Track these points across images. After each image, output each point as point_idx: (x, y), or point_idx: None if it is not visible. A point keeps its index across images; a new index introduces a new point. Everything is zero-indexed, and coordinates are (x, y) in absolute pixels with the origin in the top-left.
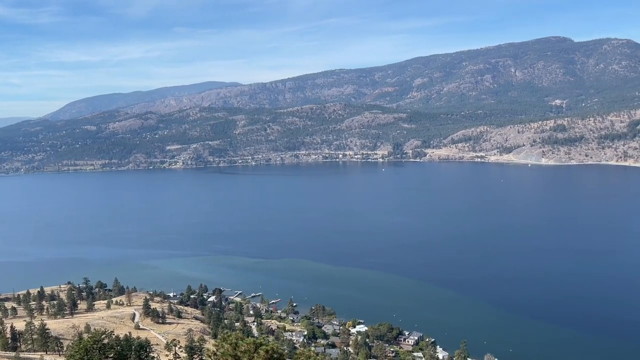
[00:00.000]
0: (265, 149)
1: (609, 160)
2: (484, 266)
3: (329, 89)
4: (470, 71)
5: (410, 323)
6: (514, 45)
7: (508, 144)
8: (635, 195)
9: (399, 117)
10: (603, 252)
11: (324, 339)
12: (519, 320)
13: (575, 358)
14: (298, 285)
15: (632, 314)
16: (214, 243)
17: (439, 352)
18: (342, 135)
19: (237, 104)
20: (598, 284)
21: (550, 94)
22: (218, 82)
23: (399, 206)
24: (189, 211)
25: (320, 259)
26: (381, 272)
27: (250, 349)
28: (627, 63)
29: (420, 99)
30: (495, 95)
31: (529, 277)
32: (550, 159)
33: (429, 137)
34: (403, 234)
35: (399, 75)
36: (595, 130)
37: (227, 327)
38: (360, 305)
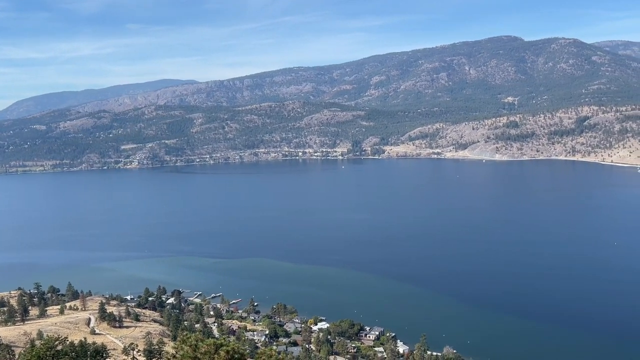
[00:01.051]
0: (223, 147)
1: (558, 155)
2: (442, 260)
3: (288, 87)
4: (427, 69)
5: (371, 318)
6: (468, 44)
7: (463, 141)
8: (582, 188)
9: (357, 115)
10: (555, 244)
11: (285, 338)
12: (476, 313)
13: (530, 347)
14: (259, 284)
15: (585, 304)
16: (173, 244)
17: (399, 346)
18: (302, 133)
19: (194, 102)
20: (552, 275)
21: (503, 92)
22: (174, 80)
23: (359, 203)
24: (146, 212)
25: (281, 257)
26: (342, 269)
27: (210, 350)
28: (574, 62)
29: (378, 96)
30: (450, 93)
31: (485, 270)
32: (503, 154)
33: (387, 135)
34: (363, 231)
35: (357, 73)
36: (546, 127)
37: (187, 328)
38: (322, 303)
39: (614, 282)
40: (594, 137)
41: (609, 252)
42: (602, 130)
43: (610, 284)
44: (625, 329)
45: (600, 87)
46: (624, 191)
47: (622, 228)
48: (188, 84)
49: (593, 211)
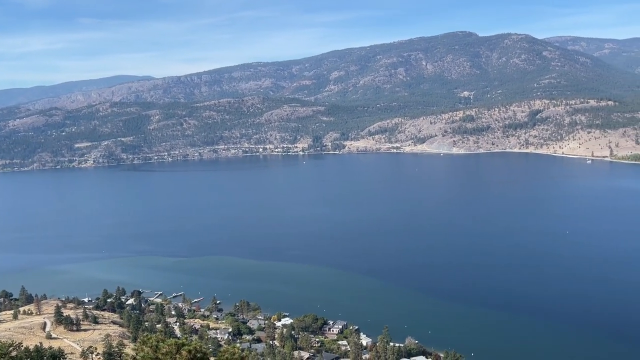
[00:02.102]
0: (182, 144)
1: (512, 148)
2: (403, 253)
3: (247, 82)
4: (385, 64)
5: (334, 312)
6: (425, 40)
7: (421, 135)
8: (535, 179)
9: (317, 110)
10: (511, 234)
11: (249, 335)
12: (436, 304)
13: (489, 335)
14: (221, 282)
15: (540, 291)
16: (131, 244)
17: (362, 338)
18: (262, 129)
19: (150, 98)
20: (508, 264)
21: (459, 86)
22: (129, 76)
23: (321, 198)
24: (103, 211)
25: (243, 254)
26: (304, 264)
27: (172, 350)
28: (526, 57)
29: (338, 91)
30: (408, 88)
31: (444, 262)
32: (460, 148)
33: (347, 130)
34: (325, 225)
35: (316, 69)
36: (500, 120)
37: (147, 329)
38: (285, 299)
39: (567, 268)
40: (545, 130)
41: (562, 240)
42: (554, 123)
43: (564, 270)
44: (578, 313)
45: (551, 82)
46: (574, 182)
47: (573, 217)
48: (144, 80)
49: (546, 201)
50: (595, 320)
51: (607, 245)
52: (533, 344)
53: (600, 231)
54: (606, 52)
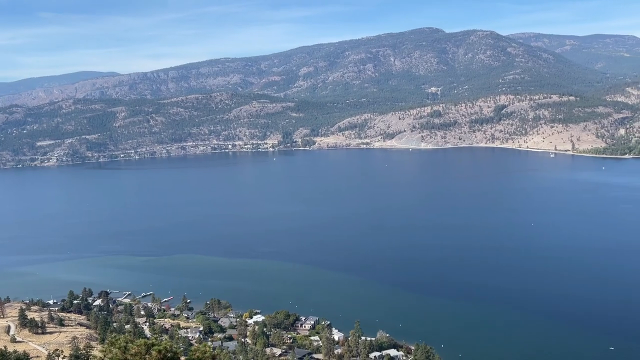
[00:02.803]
0: (149, 141)
1: (479, 143)
2: (372, 248)
3: (215, 78)
4: (353, 60)
5: (306, 308)
6: (393, 36)
7: (390, 130)
8: (501, 173)
9: (287, 106)
10: (477, 227)
11: (220, 333)
12: (406, 297)
13: (458, 326)
14: (191, 281)
15: (507, 281)
16: (98, 243)
17: (334, 333)
18: (231, 125)
19: (115, 95)
20: (475, 256)
21: (427, 82)
22: (93, 72)
23: (291, 194)
24: (67, 211)
25: (213, 252)
26: (276, 261)
27: (141, 350)
28: (491, 53)
29: (307, 87)
30: (377, 84)
31: (413, 255)
32: (428, 143)
33: (317, 126)
34: (295, 222)
35: (285, 65)
36: (467, 115)
37: (116, 330)
38: (257, 296)
39: (532, 259)
40: (511, 125)
41: (527, 232)
42: (518, 118)
43: (530, 261)
44: (543, 302)
45: (515, 77)
46: (539, 175)
47: (538, 209)
48: (109, 76)
49: (511, 195)
50: (560, 308)
51: (570, 236)
52: (501, 333)
53: (563, 222)
54: (567, 48)
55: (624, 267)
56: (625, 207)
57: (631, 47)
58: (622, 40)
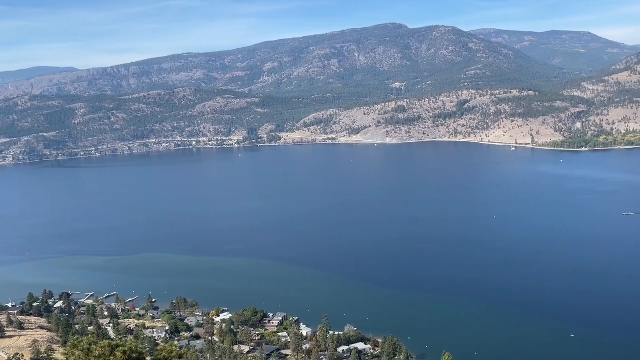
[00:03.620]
0: (110, 138)
1: (442, 137)
2: (338, 242)
3: (178, 74)
4: (318, 56)
5: (274, 305)
6: (357, 31)
7: (356, 126)
8: (464, 167)
9: (252, 102)
10: (441, 219)
11: (187, 332)
12: (373, 291)
13: (424, 317)
14: (156, 280)
15: (470, 272)
16: (58, 244)
17: (302, 329)
18: (195, 121)
19: (74, 91)
20: (439, 248)
21: (391, 77)
22: (50, 68)
23: (257, 191)
24: (25, 211)
25: (178, 250)
26: (242, 258)
27: (105, 352)
28: (454, 48)
29: (272, 83)
30: (342, 79)
31: (379, 249)
32: (393, 138)
33: (282, 121)
34: (262, 219)
35: (249, 60)
36: (431, 110)
37: (78, 332)
38: (224, 294)
39: (495, 250)
40: (473, 119)
41: (490, 224)
42: (480, 113)
43: (492, 253)
44: (505, 292)
45: (477, 72)
46: (500, 168)
47: (500, 202)
48: (67, 71)
49: (474, 188)
50: (522, 297)
51: (530, 227)
52: (465, 323)
53: (524, 214)
54: (526, 44)
55: (583, 256)
56: (583, 198)
57: (586, 43)
58: (577, 36)
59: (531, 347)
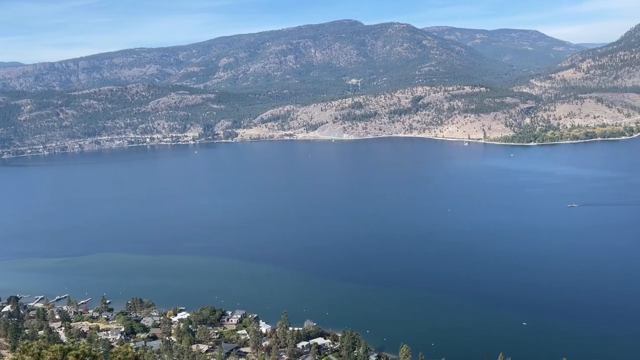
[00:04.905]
0: (59, 136)
1: (398, 133)
2: (296, 238)
3: (130, 69)
4: (274, 51)
5: (232, 303)
6: (313, 27)
7: (313, 122)
8: (419, 162)
9: (207, 98)
10: (398, 214)
11: (144, 333)
12: (332, 285)
13: (382, 311)
14: (110, 280)
15: (426, 265)
16: (5, 246)
17: (262, 326)
18: (148, 117)
19: (19, 86)
20: (395, 242)
21: (347, 74)
22: None
23: (213, 188)
24: None
25: (132, 250)
26: (199, 256)
27: (57, 356)
28: (408, 45)
29: (227, 79)
30: (298, 75)
31: (336, 244)
32: (350, 134)
33: (239, 117)
34: (217, 215)
35: (204, 55)
36: (386, 106)
37: (28, 337)
38: (181, 293)
39: (450, 244)
40: (427, 115)
41: (444, 217)
42: (434, 109)
43: (446, 245)
44: (459, 283)
45: (430, 69)
46: (454, 163)
47: (454, 196)
48: (11, 66)
49: (429, 182)
50: (476, 288)
51: (483, 220)
52: (422, 315)
53: (477, 207)
54: (478, 41)
55: (533, 248)
56: (532, 191)
57: (534, 41)
58: (526, 34)
59: (486, 336)
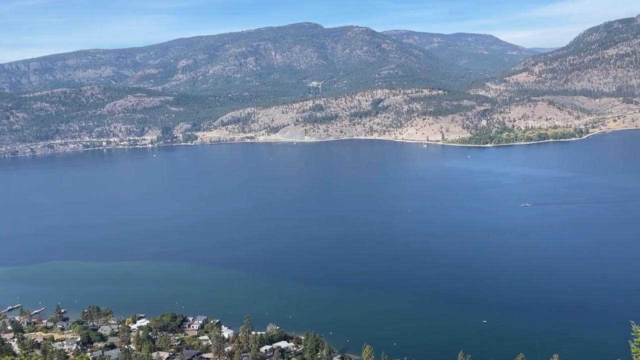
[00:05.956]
0: (9, 140)
1: (359, 135)
2: (258, 241)
3: (84, 71)
4: (234, 54)
5: (194, 308)
6: (273, 30)
7: (274, 124)
8: (380, 164)
9: (165, 100)
10: (358, 215)
11: (101, 342)
12: (294, 288)
13: (344, 312)
14: (65, 289)
15: (388, 266)
16: None
17: (224, 331)
18: (105, 120)
19: None
20: (356, 243)
21: (308, 76)
22: None
23: (172, 191)
24: None
25: (89, 256)
26: (159, 262)
27: None
28: (367, 49)
29: (187, 81)
30: (259, 78)
31: (297, 247)
32: (312, 136)
33: (198, 120)
34: (179, 220)
35: (162, 57)
36: (347, 109)
37: None
38: (140, 299)
39: (410, 244)
40: (387, 118)
41: (405, 218)
42: (394, 111)
43: (408, 246)
44: (420, 283)
45: (390, 72)
46: (414, 164)
47: (414, 197)
48: None
49: (390, 183)
50: (438, 288)
51: (443, 221)
52: (384, 315)
53: (437, 208)
54: (435, 45)
55: (490, 247)
56: (488, 191)
57: (489, 45)
58: (481, 39)
59: (448, 334)
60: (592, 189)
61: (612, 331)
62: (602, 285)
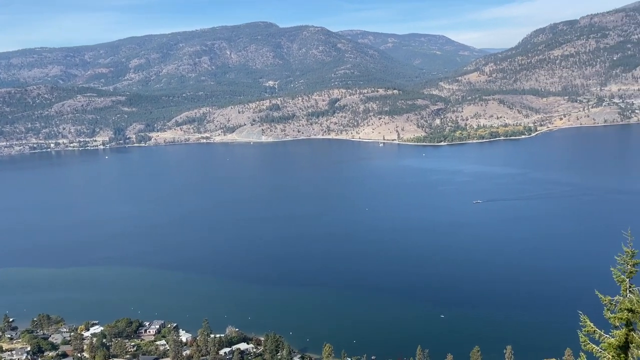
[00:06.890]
0: None
1: (316, 135)
2: (214, 243)
3: (30, 70)
4: (188, 53)
5: (150, 313)
6: (228, 28)
7: (231, 124)
8: (337, 163)
9: (117, 100)
10: (316, 214)
11: (52, 351)
12: (252, 290)
13: (303, 312)
14: (13, 297)
15: (346, 263)
16: None
17: (182, 335)
18: (52, 121)
19: None
20: (314, 242)
21: (264, 76)
22: None
23: (123, 194)
24: None
25: (36, 263)
26: (112, 267)
27: None
28: (323, 48)
29: (139, 80)
30: (214, 77)
31: (254, 248)
32: (269, 136)
33: (152, 120)
34: (132, 223)
35: (113, 56)
36: (304, 109)
37: None
38: (93, 306)
39: (367, 242)
40: (344, 117)
41: (362, 216)
42: (350, 111)
43: (365, 243)
44: (378, 280)
45: (346, 72)
46: (371, 163)
47: (371, 195)
48: None
49: (347, 182)
50: (395, 285)
51: (397, 218)
52: (343, 313)
53: (393, 205)
54: (390, 45)
55: (444, 242)
56: (442, 189)
57: (442, 45)
58: (434, 39)
59: (406, 330)
60: (539, 185)
61: (562, 321)
62: (552, 277)
